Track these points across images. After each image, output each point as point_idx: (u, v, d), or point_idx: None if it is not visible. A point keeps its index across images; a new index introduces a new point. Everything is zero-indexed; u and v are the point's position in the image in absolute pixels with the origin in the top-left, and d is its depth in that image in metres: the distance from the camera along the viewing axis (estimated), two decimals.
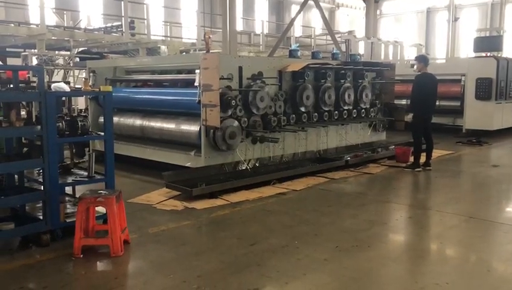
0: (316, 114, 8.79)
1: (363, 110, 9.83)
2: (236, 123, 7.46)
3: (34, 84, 5.78)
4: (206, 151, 7.37)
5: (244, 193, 6.91)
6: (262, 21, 21.72)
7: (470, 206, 6.55)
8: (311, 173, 8.19)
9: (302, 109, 8.53)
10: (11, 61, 15.56)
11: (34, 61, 12.31)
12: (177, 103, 7.99)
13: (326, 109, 8.96)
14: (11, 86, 5.09)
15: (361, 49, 17.50)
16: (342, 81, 9.29)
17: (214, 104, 7.05)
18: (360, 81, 9.69)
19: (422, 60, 9.02)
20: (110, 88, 5.05)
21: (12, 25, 14.30)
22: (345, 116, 9.41)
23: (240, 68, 7.66)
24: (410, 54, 19.37)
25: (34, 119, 4.79)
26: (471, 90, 13.29)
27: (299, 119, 8.54)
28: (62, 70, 13.58)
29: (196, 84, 7.37)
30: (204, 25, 21.08)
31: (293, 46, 9.30)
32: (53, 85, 4.65)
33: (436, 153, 10.47)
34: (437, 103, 13.99)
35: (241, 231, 5.34)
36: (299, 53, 9.00)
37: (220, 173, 7.46)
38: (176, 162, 7.83)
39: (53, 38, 14.05)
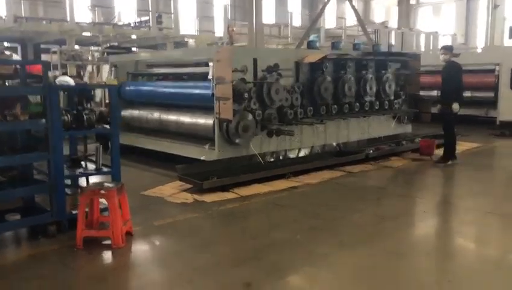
0: (335, 106, 8.60)
1: (387, 102, 9.54)
2: (250, 116, 7.38)
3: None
4: (219, 145, 7.35)
5: (256, 186, 6.85)
6: (290, 13, 21.47)
7: (491, 201, 6.22)
8: (329, 166, 8.04)
9: (320, 101, 8.36)
10: (45, 57, 16.08)
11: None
12: (192, 96, 8.00)
13: (347, 100, 8.75)
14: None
15: (393, 39, 17.08)
16: (364, 72, 9.05)
17: (226, 97, 7.01)
18: (383, 72, 9.41)
19: (450, 49, 8.66)
20: (115, 82, 5.12)
21: (44, 22, 14.70)
22: (367, 108, 9.16)
23: (255, 60, 7.57)
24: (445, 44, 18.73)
25: None
26: (506, 80, 12.67)
27: (317, 111, 8.37)
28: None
29: (210, 77, 7.36)
30: (235, 19, 21.10)
31: (312, 37, 9.12)
32: (57, 79, 4.72)
33: (464, 145, 10.12)
34: (470, 94, 13.64)
35: (246, 225, 5.31)
36: (317, 44, 8.81)
37: (234, 166, 7.41)
38: (191, 155, 7.85)
39: (83, 34, 14.35)
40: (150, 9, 15.53)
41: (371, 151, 8.80)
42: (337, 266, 4.15)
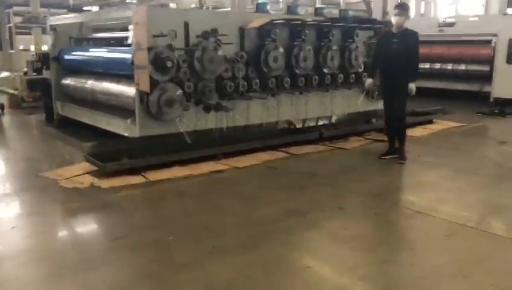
0: (287, 79, 7.60)
1: (353, 75, 8.48)
2: (176, 88, 6.45)
3: None
4: (141, 120, 6.46)
5: (174, 169, 5.99)
6: None
7: (429, 196, 5.09)
8: (275, 146, 7.13)
9: (269, 73, 7.37)
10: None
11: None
12: (116, 63, 7.11)
13: (302, 73, 7.73)
14: None
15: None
16: (326, 40, 7.99)
17: (143, 66, 6.12)
18: (350, 41, 8.32)
19: (407, 10, 6.85)
20: None
21: None
22: (328, 82, 8.13)
23: (186, 24, 6.60)
24: (446, 12, 17.26)
25: None
26: (503, 53, 11.41)
27: (265, 84, 7.40)
28: None
29: (129, 41, 6.45)
30: None
31: None
32: None
33: (443, 125, 9.07)
34: (464, 68, 12.45)
35: (122, 220, 4.46)
36: (268, 7, 7.74)
37: (156, 145, 6.52)
38: (116, 130, 7.04)
39: None
40: None
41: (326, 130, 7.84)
42: (191, 281, 3.29)
